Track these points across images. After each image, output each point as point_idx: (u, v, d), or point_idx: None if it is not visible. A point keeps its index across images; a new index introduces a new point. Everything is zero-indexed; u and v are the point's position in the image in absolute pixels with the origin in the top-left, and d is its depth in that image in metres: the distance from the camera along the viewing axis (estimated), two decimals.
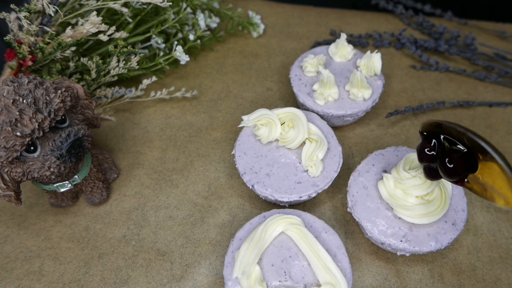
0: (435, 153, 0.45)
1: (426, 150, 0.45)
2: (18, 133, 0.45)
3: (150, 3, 0.69)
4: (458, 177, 0.43)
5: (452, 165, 0.43)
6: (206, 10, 0.81)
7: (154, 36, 0.74)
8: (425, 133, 0.45)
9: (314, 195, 0.56)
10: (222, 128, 0.72)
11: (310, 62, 0.68)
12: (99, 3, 0.64)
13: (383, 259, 0.56)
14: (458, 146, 0.43)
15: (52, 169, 0.49)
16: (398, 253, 0.53)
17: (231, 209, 0.62)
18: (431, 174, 0.46)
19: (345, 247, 0.51)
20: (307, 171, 0.56)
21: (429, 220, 0.50)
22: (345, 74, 0.68)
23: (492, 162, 0.40)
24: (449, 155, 0.43)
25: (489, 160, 0.40)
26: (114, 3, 0.64)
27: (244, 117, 0.60)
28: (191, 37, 0.77)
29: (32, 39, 0.59)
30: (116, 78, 0.69)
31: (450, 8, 0.89)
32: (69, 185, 0.56)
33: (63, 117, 0.51)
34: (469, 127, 0.43)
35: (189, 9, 0.75)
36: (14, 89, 0.46)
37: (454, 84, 0.78)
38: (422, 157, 0.46)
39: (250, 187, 0.56)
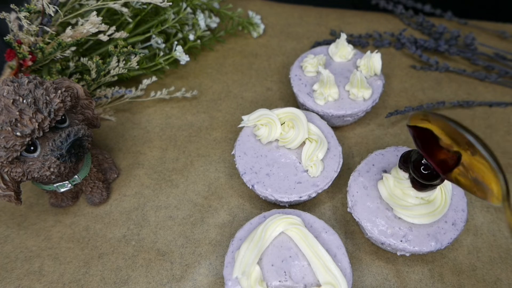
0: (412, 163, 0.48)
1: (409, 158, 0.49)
2: (18, 133, 0.45)
3: (150, 3, 0.69)
4: (432, 180, 0.47)
5: (427, 171, 0.46)
6: (206, 10, 0.81)
7: (154, 36, 0.74)
8: (412, 126, 0.46)
9: (314, 195, 0.56)
10: (222, 128, 0.72)
11: (310, 62, 0.68)
12: (99, 3, 0.64)
13: (383, 259, 0.56)
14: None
15: (52, 169, 0.49)
16: (398, 253, 0.53)
17: (231, 209, 0.62)
18: (419, 184, 0.49)
19: (345, 247, 0.51)
20: (307, 171, 0.56)
21: (429, 220, 0.50)
22: (345, 74, 0.68)
23: (479, 156, 0.39)
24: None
25: (476, 154, 0.40)
26: (114, 3, 0.64)
27: (244, 117, 0.60)
28: (191, 37, 0.77)
29: (32, 39, 0.59)
30: (116, 78, 0.69)
31: (450, 8, 0.89)
32: (69, 185, 0.56)
33: (63, 117, 0.51)
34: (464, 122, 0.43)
35: (189, 9, 0.75)
36: (14, 89, 0.46)
37: (454, 84, 0.78)
38: (402, 160, 0.50)
39: (250, 187, 0.56)
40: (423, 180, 0.47)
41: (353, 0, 1.01)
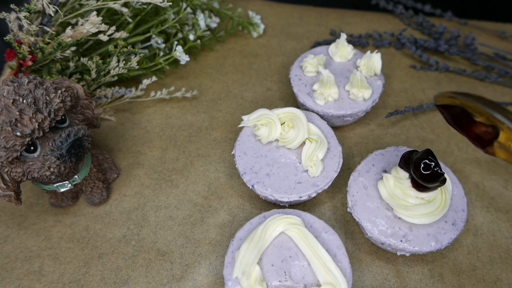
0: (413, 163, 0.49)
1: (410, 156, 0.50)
2: (18, 133, 0.45)
3: (150, 3, 0.69)
4: (431, 182, 0.47)
5: (427, 172, 0.46)
6: (206, 10, 0.81)
7: (154, 36, 0.74)
8: (440, 106, 0.45)
9: (314, 195, 0.56)
10: (222, 128, 0.72)
11: (310, 62, 0.68)
12: (99, 3, 0.64)
13: (383, 259, 0.56)
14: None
15: (52, 169, 0.49)
16: (398, 253, 0.53)
17: (231, 209, 0.62)
18: (417, 184, 0.49)
19: (345, 247, 0.51)
20: (307, 171, 0.56)
21: (429, 220, 0.50)
22: (345, 74, 0.68)
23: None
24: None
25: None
26: (114, 3, 0.64)
27: (244, 117, 0.60)
28: (191, 37, 0.77)
29: (32, 39, 0.59)
30: (116, 78, 0.69)
31: (450, 8, 0.89)
32: (69, 185, 0.56)
33: (63, 117, 0.51)
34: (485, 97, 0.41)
35: (189, 9, 0.75)
36: (14, 89, 0.46)
37: (454, 84, 0.78)
38: (403, 160, 0.50)
39: (250, 187, 0.56)
40: (423, 181, 0.47)
41: (353, 0, 1.01)
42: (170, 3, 0.65)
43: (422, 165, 0.47)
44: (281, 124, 0.58)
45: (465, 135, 0.43)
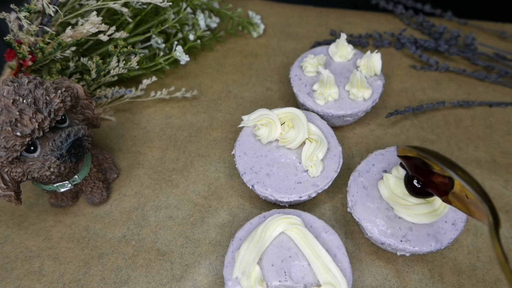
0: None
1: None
2: (18, 133, 0.45)
3: (150, 3, 0.69)
4: (423, 196, 0.48)
5: (420, 185, 0.47)
6: (206, 10, 0.81)
7: (154, 36, 0.74)
8: (402, 156, 0.48)
9: (314, 195, 0.56)
10: (222, 128, 0.72)
11: (310, 62, 0.68)
12: (99, 3, 0.64)
13: (383, 259, 0.56)
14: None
15: (52, 169, 0.49)
16: (398, 253, 0.53)
17: (231, 209, 0.62)
18: (415, 191, 0.49)
19: (345, 247, 0.51)
20: (307, 171, 0.56)
21: (429, 220, 0.50)
22: (345, 74, 0.68)
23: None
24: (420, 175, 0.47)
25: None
26: (114, 3, 0.64)
27: (244, 117, 0.60)
28: (191, 37, 0.77)
29: (32, 39, 0.59)
30: (116, 78, 0.69)
31: (450, 8, 0.89)
32: (69, 185, 0.56)
33: (63, 117, 0.51)
34: (442, 157, 0.44)
35: (189, 9, 0.75)
36: (14, 89, 0.46)
37: (454, 84, 0.78)
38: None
39: (250, 187, 0.56)
40: (415, 195, 0.48)
41: (353, 0, 1.01)
42: (170, 3, 0.65)
43: (416, 180, 0.47)
44: (281, 124, 0.58)
45: (425, 184, 0.46)
